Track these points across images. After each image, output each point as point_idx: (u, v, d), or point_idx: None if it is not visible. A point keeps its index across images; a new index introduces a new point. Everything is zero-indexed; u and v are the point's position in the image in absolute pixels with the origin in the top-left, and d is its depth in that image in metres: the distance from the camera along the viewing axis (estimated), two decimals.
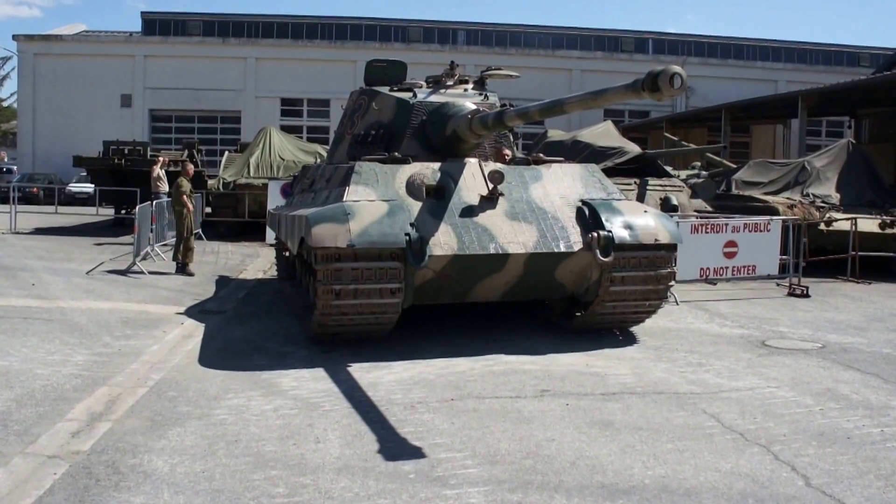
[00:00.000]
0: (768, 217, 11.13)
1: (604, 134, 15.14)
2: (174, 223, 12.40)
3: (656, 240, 6.98)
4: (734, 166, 16.29)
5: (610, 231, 6.84)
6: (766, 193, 13.86)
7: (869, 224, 12.49)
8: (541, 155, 8.63)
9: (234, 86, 37.34)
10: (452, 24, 43.04)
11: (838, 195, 13.80)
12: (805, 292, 10.49)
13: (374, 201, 6.75)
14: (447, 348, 7.02)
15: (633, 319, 7.71)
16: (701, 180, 15.51)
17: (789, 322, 8.70)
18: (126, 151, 19.55)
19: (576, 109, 6.36)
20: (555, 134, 17.45)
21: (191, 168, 13.15)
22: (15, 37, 37.31)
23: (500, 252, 6.71)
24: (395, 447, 4.49)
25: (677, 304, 9.63)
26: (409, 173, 7.16)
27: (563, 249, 6.85)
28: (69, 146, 29.44)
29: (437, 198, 6.99)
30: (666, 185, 12.68)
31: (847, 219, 12.34)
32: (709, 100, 34.41)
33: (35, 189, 29.45)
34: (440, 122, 8.02)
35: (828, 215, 12.76)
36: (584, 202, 7.28)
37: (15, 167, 36.75)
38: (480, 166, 7.41)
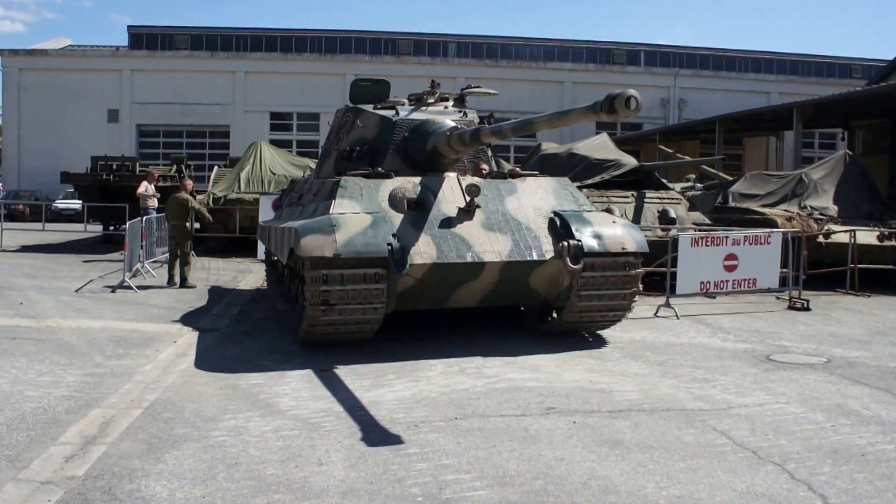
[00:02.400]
0: (769, 230, 11.06)
1: (600, 146, 15.08)
2: (171, 239, 12.39)
3: (623, 248, 7.46)
4: (730, 178, 16.24)
5: (579, 240, 7.31)
6: (764, 206, 13.79)
7: (867, 236, 12.45)
8: (516, 169, 9.00)
9: (222, 100, 37.17)
10: (443, 37, 43.12)
11: (836, 207, 13.75)
12: (805, 305, 10.42)
13: (359, 214, 7.20)
14: (445, 362, 6.91)
15: (601, 325, 8.19)
16: (698, 193, 15.47)
17: (792, 336, 8.61)
18: (114, 167, 19.38)
19: (544, 128, 6.91)
20: (549, 147, 17.39)
21: (189, 183, 13.16)
22: None
23: (477, 260, 7.14)
24: (400, 469, 4.35)
25: (678, 318, 9.54)
26: (392, 187, 7.58)
27: (535, 258, 7.30)
28: (55, 162, 29.19)
29: (417, 210, 7.40)
30: (664, 198, 12.61)
31: (845, 231, 12.31)
32: (701, 112, 34.57)
33: (21, 206, 29.12)
34: (421, 139, 8.42)
35: (826, 228, 12.73)
36: (556, 213, 7.73)
37: (0, 184, 36.40)
38: (458, 180, 7.86)
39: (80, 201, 22.23)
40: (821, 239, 12.45)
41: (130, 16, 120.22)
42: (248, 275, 13.93)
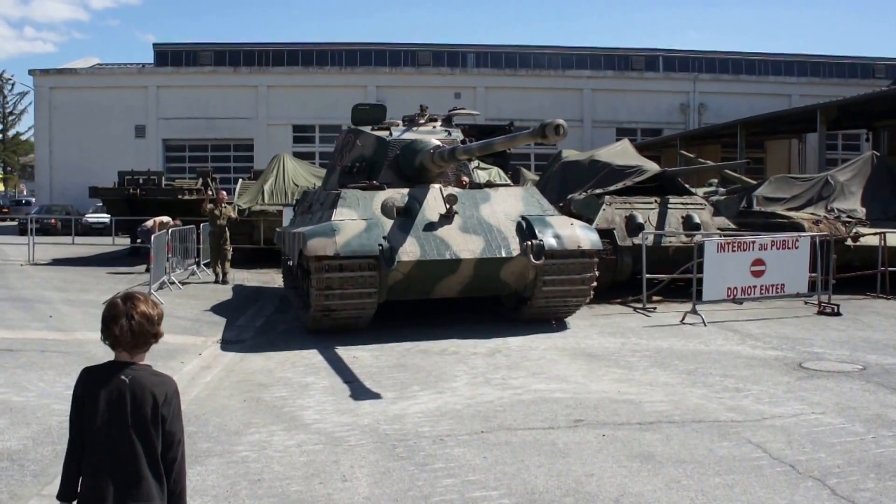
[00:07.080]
0: (797, 234, 10.82)
1: (621, 152, 14.88)
2: (212, 246, 14.56)
3: (579, 246, 8.72)
4: (753, 182, 15.97)
5: (541, 240, 8.50)
6: (789, 209, 13.51)
7: None
8: (492, 180, 10.47)
9: (246, 114, 37.59)
10: (461, 48, 43.13)
11: (864, 209, 13.41)
12: (836, 310, 10.15)
13: (356, 220, 8.51)
14: (470, 372, 6.82)
15: (565, 311, 9.37)
16: (722, 197, 15.21)
17: (824, 342, 8.38)
18: (140, 181, 19.73)
19: (501, 149, 8.81)
20: (570, 154, 17.23)
21: (224, 195, 15.08)
22: (31, 72, 38.05)
23: (454, 258, 8.43)
24: (426, 485, 4.27)
25: (705, 325, 9.35)
26: (384, 197, 8.72)
27: (504, 255, 8.55)
28: (85, 177, 29.63)
29: (405, 216, 8.65)
30: (687, 203, 12.39)
31: (875, 233, 12.00)
32: (721, 116, 34.17)
33: (53, 220, 29.67)
34: (410, 156, 9.70)
35: (854, 230, 12.44)
36: (523, 217, 8.95)
37: (33, 199, 37.11)
38: (440, 191, 9.09)
39: (109, 215, 22.58)
40: (849, 242, 12.15)
41: (156, 34, 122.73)
42: (272, 286, 13.97)
